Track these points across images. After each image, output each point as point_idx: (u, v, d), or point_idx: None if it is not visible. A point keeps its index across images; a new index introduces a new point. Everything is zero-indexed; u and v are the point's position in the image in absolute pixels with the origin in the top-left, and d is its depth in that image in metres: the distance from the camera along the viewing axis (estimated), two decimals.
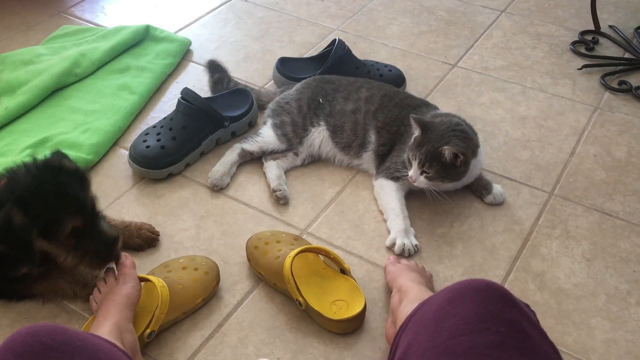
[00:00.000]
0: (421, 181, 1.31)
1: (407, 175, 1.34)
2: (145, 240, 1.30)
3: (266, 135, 1.50)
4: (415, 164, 1.31)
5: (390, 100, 1.47)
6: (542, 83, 1.82)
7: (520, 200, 1.44)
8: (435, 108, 1.49)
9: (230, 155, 1.48)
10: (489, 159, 1.54)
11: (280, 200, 1.41)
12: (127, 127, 1.61)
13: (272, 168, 1.46)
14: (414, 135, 1.35)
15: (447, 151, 1.27)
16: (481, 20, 2.10)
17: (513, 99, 1.76)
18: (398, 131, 1.44)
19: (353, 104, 1.49)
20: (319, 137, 1.49)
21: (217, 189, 1.44)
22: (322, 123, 1.50)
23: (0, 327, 1.15)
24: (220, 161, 1.47)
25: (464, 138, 1.32)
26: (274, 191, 1.41)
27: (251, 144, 1.49)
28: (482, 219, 1.39)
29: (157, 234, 1.32)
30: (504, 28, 2.06)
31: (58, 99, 1.67)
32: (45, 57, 1.77)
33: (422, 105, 1.49)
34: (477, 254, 1.31)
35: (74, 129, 1.54)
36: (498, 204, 1.42)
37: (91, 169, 1.48)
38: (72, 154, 1.42)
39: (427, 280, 1.20)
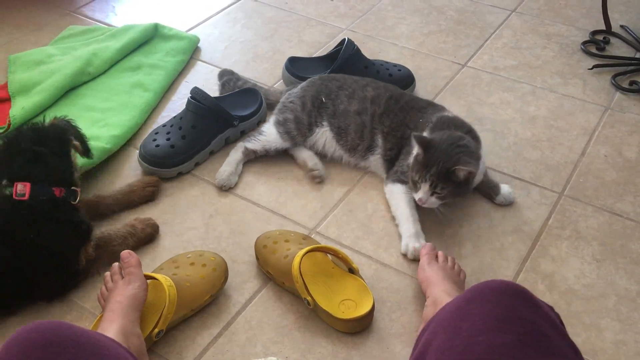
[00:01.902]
0: (432, 202, 1.29)
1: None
2: (155, 185, 1.42)
3: (269, 134, 1.50)
4: (425, 186, 1.28)
5: (396, 103, 1.46)
6: (552, 83, 1.81)
7: (529, 200, 1.43)
8: (442, 109, 1.47)
9: (235, 154, 1.49)
10: (498, 159, 1.54)
11: (317, 179, 1.42)
12: (144, 122, 1.62)
13: (303, 149, 1.48)
14: (415, 154, 1.32)
15: (462, 172, 1.25)
16: (491, 20, 2.09)
17: (523, 98, 1.75)
18: (404, 135, 1.43)
19: (358, 103, 1.48)
20: (322, 138, 1.49)
21: (225, 189, 1.44)
22: (325, 124, 1.49)
23: (12, 323, 1.16)
24: (226, 161, 1.48)
25: (470, 152, 1.29)
26: (311, 170, 1.43)
27: (254, 143, 1.49)
28: (491, 219, 1.39)
29: (157, 179, 1.44)
30: (514, 28, 2.05)
31: (72, 98, 1.67)
32: (56, 57, 1.78)
33: (427, 106, 1.48)
34: (486, 254, 1.31)
35: (91, 125, 1.54)
36: (508, 204, 1.41)
37: (108, 160, 1.49)
38: (91, 143, 1.42)
39: (461, 285, 1.19)
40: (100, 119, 1.58)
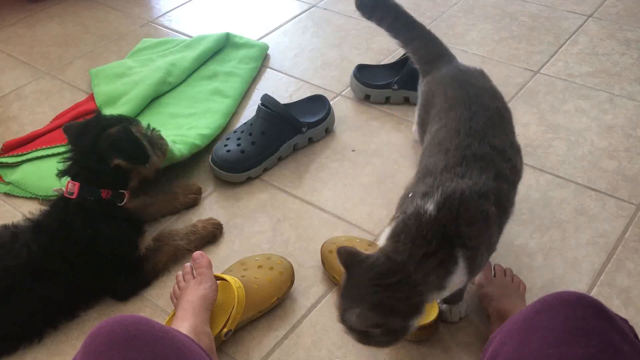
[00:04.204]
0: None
1: None
2: (196, 192, 1.46)
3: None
4: None
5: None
6: (631, 91, 1.74)
7: (605, 212, 1.38)
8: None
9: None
10: (572, 169, 1.49)
11: None
12: (226, 126, 1.66)
13: None
14: None
15: (354, 317, 0.89)
16: (566, 25, 2.03)
17: (599, 107, 1.69)
18: None
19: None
20: None
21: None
22: None
23: (89, 319, 1.22)
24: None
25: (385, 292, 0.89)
26: None
27: None
28: (564, 230, 1.35)
29: (199, 187, 1.48)
30: (590, 34, 1.99)
31: (156, 107, 1.74)
32: (136, 68, 1.86)
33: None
34: (557, 267, 1.27)
35: (177, 129, 1.61)
36: (453, 318, 1.18)
37: (181, 163, 1.52)
38: (177, 146, 1.47)
39: (522, 298, 1.16)
40: (186, 124, 1.64)
